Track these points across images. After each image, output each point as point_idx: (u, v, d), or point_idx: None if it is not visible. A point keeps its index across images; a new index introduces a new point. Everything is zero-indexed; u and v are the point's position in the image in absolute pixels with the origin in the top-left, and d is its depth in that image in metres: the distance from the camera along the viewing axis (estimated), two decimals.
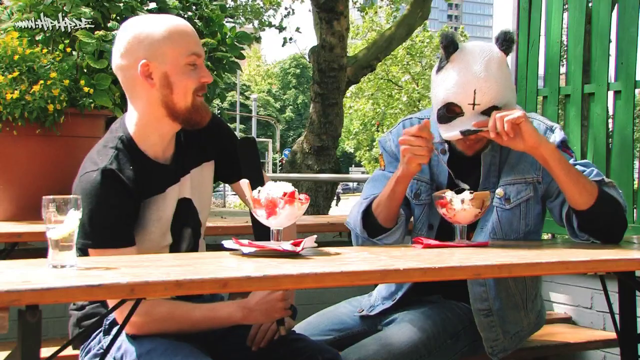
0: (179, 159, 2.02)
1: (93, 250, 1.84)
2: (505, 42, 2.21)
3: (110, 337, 1.88)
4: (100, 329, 1.98)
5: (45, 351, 1.52)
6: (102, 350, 1.93)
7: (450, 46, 2.21)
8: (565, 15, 3.62)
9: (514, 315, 2.33)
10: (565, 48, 3.62)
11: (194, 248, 2.08)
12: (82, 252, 1.84)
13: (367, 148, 31.74)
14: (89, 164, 1.90)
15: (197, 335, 1.98)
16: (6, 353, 1.50)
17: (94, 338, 1.99)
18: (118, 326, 1.86)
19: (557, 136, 2.25)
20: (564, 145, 2.23)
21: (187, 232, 2.05)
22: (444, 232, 2.27)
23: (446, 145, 2.32)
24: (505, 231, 2.27)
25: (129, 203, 1.89)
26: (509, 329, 2.32)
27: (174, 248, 2.01)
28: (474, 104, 2.15)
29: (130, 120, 1.96)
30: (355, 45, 23.06)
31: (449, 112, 2.19)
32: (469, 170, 2.28)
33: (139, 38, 1.90)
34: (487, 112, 2.16)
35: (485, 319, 2.29)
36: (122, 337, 1.91)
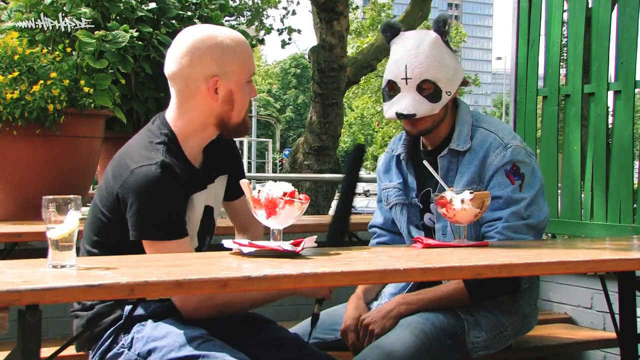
0: (206, 167, 2.06)
1: (164, 243, 1.85)
2: (439, 24, 2.33)
3: (131, 334, 1.91)
4: (115, 327, 1.93)
5: (45, 351, 1.52)
6: (123, 349, 1.91)
7: (387, 31, 2.39)
8: (565, 15, 3.61)
9: (492, 314, 2.35)
10: (565, 48, 3.61)
11: None
12: (135, 246, 1.85)
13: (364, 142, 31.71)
14: (139, 158, 1.89)
15: (218, 324, 2.02)
16: (6, 353, 1.50)
17: (108, 338, 1.93)
18: (139, 323, 1.90)
19: (506, 156, 2.29)
20: (510, 169, 2.28)
21: (207, 240, 2.11)
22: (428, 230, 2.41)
23: (404, 153, 2.46)
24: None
25: (183, 197, 1.94)
26: (491, 329, 2.33)
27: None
28: (406, 78, 2.29)
29: (176, 121, 1.99)
30: (362, 41, 23.04)
31: (390, 90, 2.35)
32: (429, 175, 2.33)
33: (213, 53, 1.94)
34: (420, 86, 2.29)
35: (471, 317, 2.32)
36: (146, 333, 1.90)
